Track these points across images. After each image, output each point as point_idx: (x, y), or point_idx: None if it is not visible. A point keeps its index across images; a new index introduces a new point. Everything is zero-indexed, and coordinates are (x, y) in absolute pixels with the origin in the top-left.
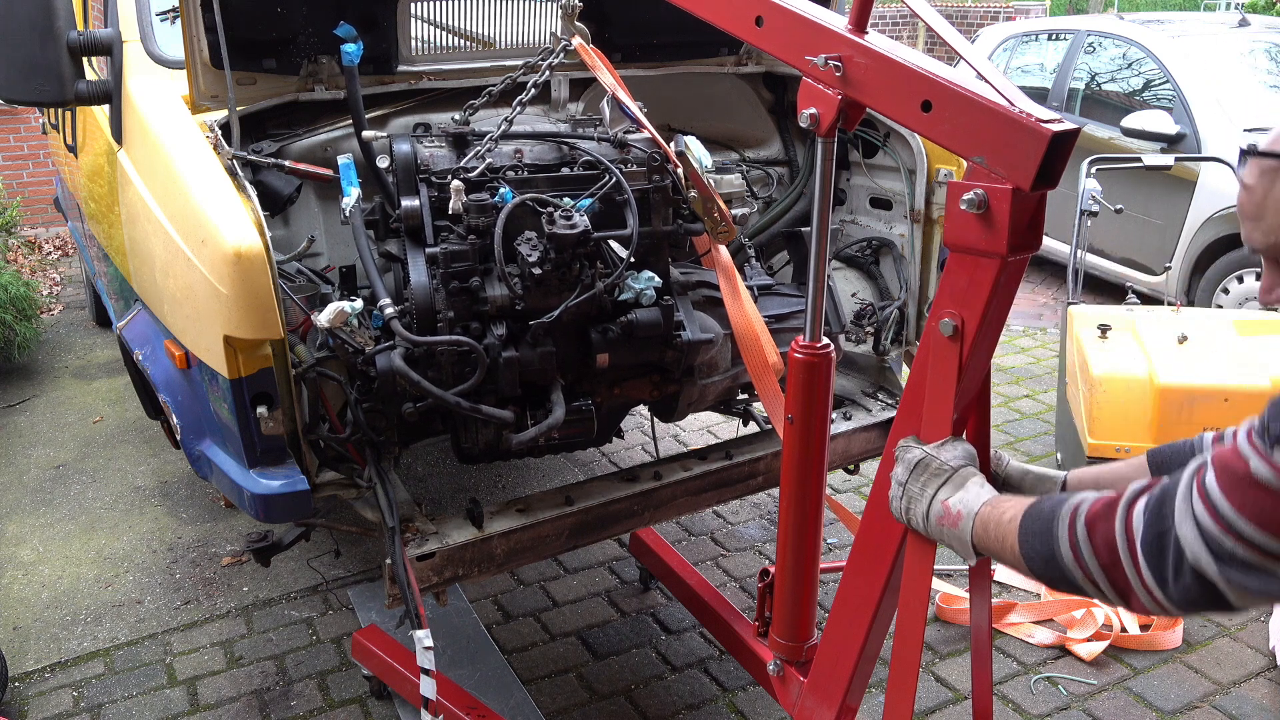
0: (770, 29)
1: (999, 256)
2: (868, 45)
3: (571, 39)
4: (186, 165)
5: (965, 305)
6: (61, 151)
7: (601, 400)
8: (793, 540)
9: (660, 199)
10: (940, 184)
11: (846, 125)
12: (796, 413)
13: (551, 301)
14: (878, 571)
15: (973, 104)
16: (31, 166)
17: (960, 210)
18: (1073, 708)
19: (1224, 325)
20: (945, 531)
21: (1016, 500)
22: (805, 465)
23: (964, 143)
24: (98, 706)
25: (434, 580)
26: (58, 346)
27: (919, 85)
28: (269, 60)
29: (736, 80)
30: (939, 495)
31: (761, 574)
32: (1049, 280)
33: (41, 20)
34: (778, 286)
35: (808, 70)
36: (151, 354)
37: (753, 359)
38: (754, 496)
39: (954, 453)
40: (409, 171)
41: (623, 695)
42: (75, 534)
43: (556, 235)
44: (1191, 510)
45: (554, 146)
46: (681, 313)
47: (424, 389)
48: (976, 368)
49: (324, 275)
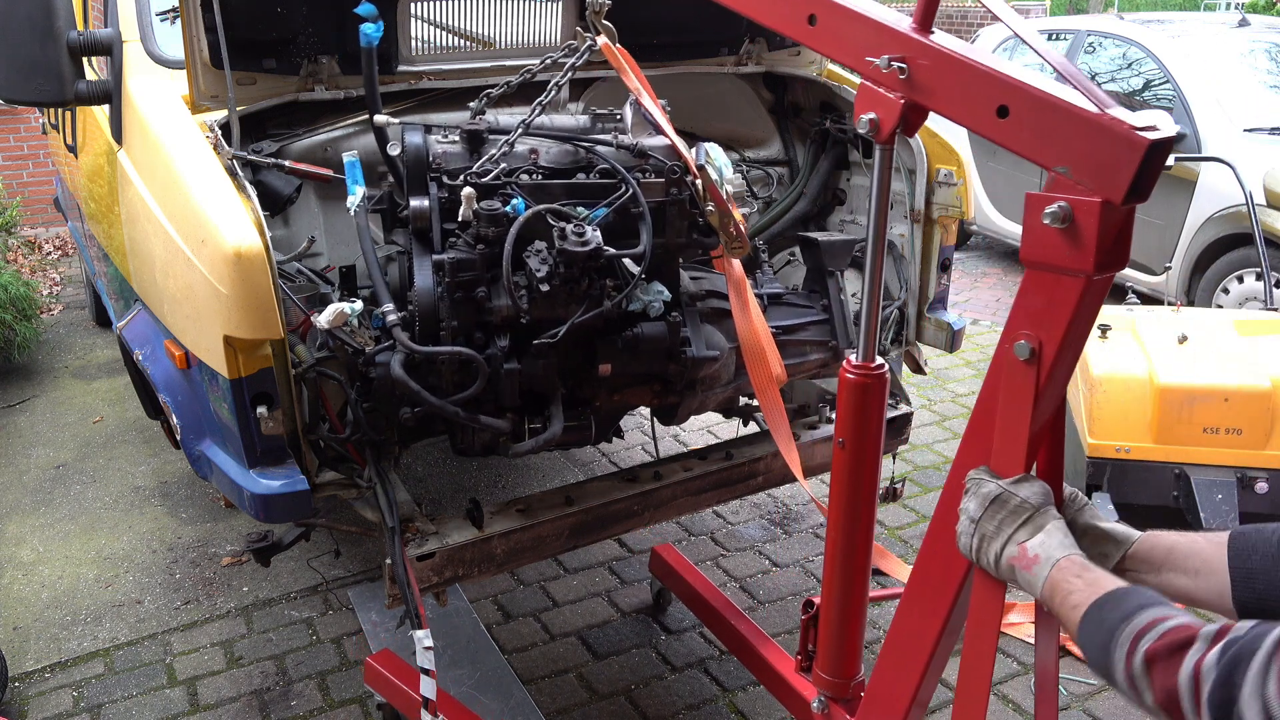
0: (824, 28)
1: (1084, 275)
2: (936, 45)
3: (597, 38)
4: (186, 165)
5: (1043, 327)
6: (61, 151)
7: (600, 405)
8: (840, 570)
9: (676, 212)
10: (940, 184)
11: (907, 131)
12: (848, 436)
13: (558, 314)
14: (937, 609)
15: (1057, 109)
16: (31, 166)
17: (1041, 224)
18: (1073, 708)
19: (1224, 325)
20: (1018, 574)
21: (1086, 580)
22: (855, 492)
23: (1046, 152)
24: (98, 706)
25: (434, 580)
26: (58, 346)
27: (994, 88)
28: (269, 60)
29: (736, 80)
30: (1016, 536)
31: (805, 605)
32: None
33: (41, 20)
34: (788, 295)
35: (867, 72)
36: (151, 354)
37: (758, 373)
38: (754, 496)
39: (1032, 489)
40: (420, 167)
41: (623, 695)
42: (75, 534)
43: (567, 251)
44: (1263, 693)
45: (571, 149)
46: (688, 327)
47: (422, 399)
48: (1053, 394)
49: (324, 275)
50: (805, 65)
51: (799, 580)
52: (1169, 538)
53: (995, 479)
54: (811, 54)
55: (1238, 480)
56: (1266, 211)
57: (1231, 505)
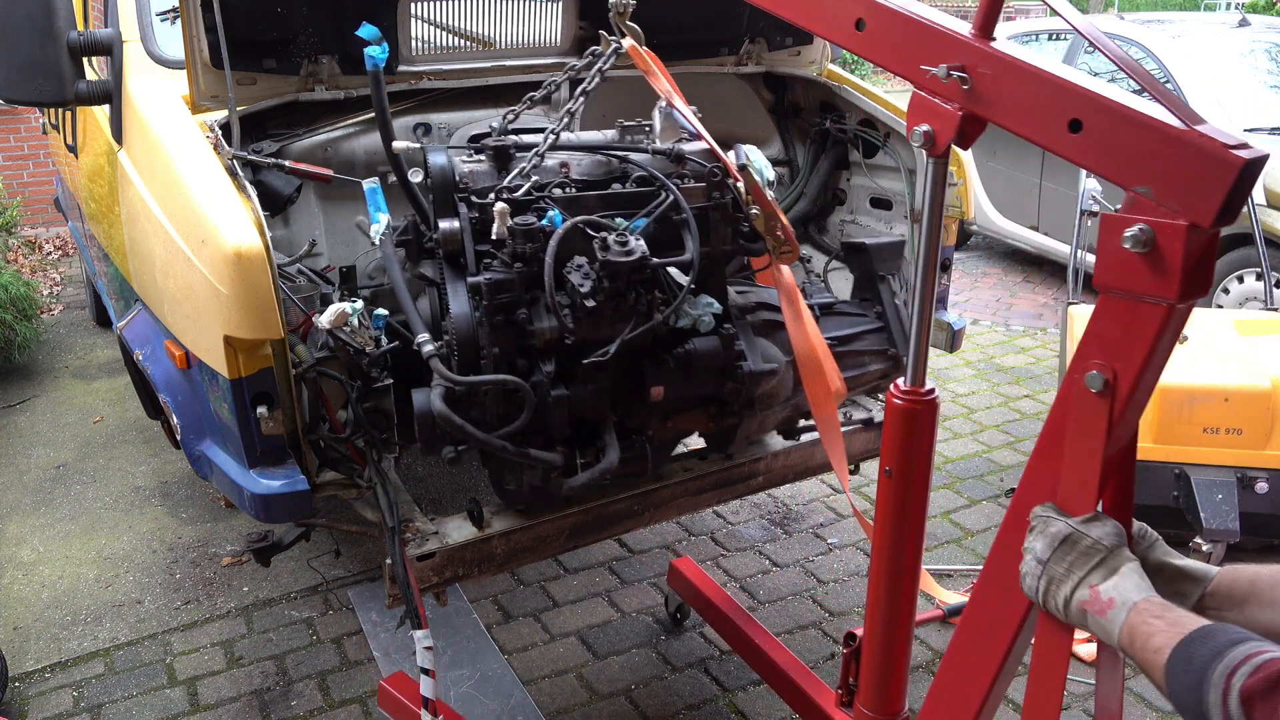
0: (874, 34)
1: (1167, 303)
2: (1001, 53)
3: (623, 40)
4: (187, 165)
5: (1119, 357)
6: (61, 151)
7: (654, 434)
8: (885, 603)
9: (720, 217)
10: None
11: (962, 144)
12: (895, 465)
13: (604, 333)
14: (993, 650)
15: (1137, 124)
16: (31, 166)
17: (1119, 248)
18: (1073, 708)
19: (1224, 325)
20: (1090, 618)
21: (1168, 621)
22: (902, 523)
23: (1125, 170)
24: (98, 706)
25: (434, 580)
26: (58, 346)
27: (1067, 101)
28: (269, 60)
29: (736, 80)
30: (1088, 579)
31: (847, 638)
32: (1049, 280)
33: (41, 20)
34: (839, 304)
35: (923, 82)
36: (152, 354)
37: (815, 386)
38: (754, 496)
39: (1105, 529)
40: (446, 189)
41: (623, 695)
42: (75, 534)
43: (611, 263)
44: None
45: (603, 159)
46: (742, 340)
47: (467, 434)
48: (1126, 427)
49: (324, 275)
50: (805, 65)
51: (799, 580)
52: (1249, 571)
53: (1064, 517)
54: (811, 54)
55: (1238, 480)
56: (1266, 211)
57: (1231, 505)
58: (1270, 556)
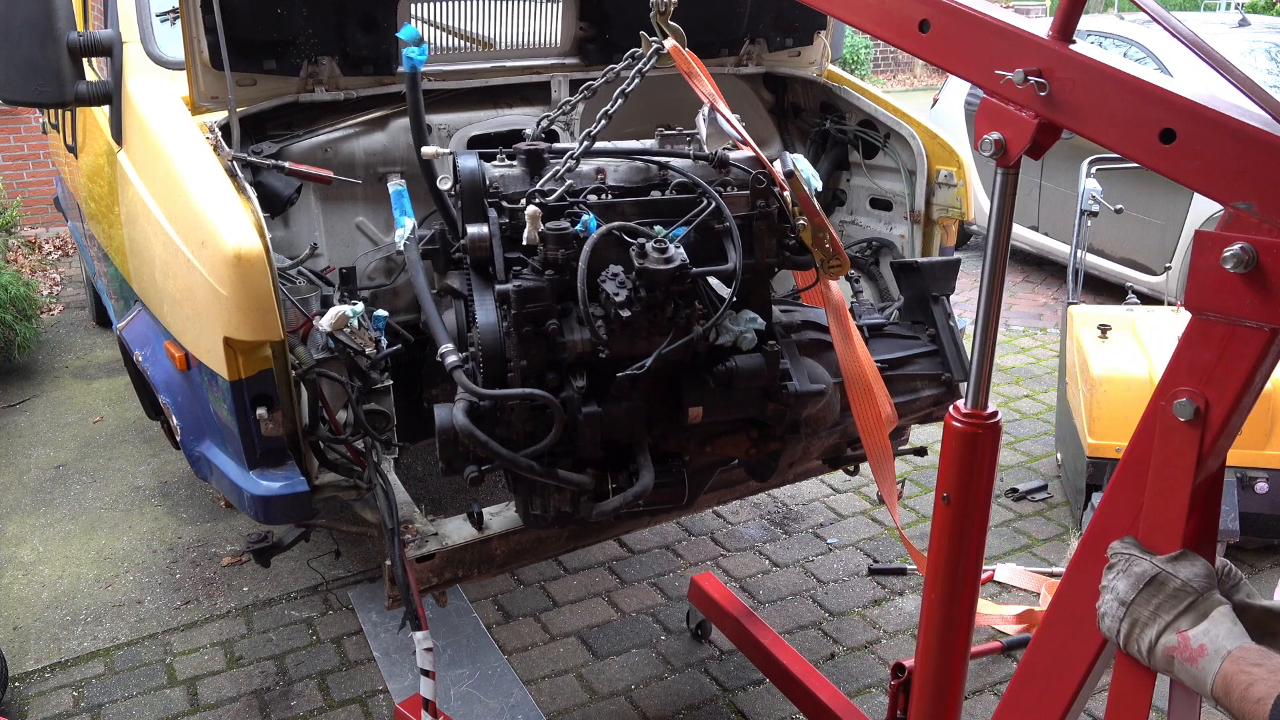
0: (940, 36)
1: (1270, 328)
2: (1085, 57)
3: (664, 41)
4: (186, 166)
5: (1212, 384)
6: (61, 152)
7: (691, 459)
8: (938, 635)
9: (765, 227)
10: (940, 185)
11: (1034, 153)
12: (954, 491)
13: (639, 347)
14: (1061, 689)
15: (1238, 134)
16: (31, 166)
17: (1216, 267)
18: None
19: None
20: (1178, 665)
21: (1269, 669)
22: (960, 553)
23: (1223, 184)
24: (98, 706)
25: (434, 581)
26: (58, 346)
27: (1157, 109)
28: (269, 61)
29: (736, 80)
30: (1176, 624)
31: (895, 669)
32: (1049, 280)
33: (41, 21)
34: (889, 326)
35: (996, 88)
36: (151, 355)
37: (864, 411)
38: (754, 496)
39: (1194, 570)
40: (476, 194)
41: (623, 695)
42: (75, 534)
43: (649, 271)
44: None
45: (642, 165)
46: (787, 359)
47: (492, 451)
48: (1216, 458)
49: (324, 277)
50: (805, 66)
51: (799, 580)
52: None
53: (1148, 555)
54: (811, 55)
55: (1238, 480)
56: None
57: (1231, 505)
58: (1270, 556)
